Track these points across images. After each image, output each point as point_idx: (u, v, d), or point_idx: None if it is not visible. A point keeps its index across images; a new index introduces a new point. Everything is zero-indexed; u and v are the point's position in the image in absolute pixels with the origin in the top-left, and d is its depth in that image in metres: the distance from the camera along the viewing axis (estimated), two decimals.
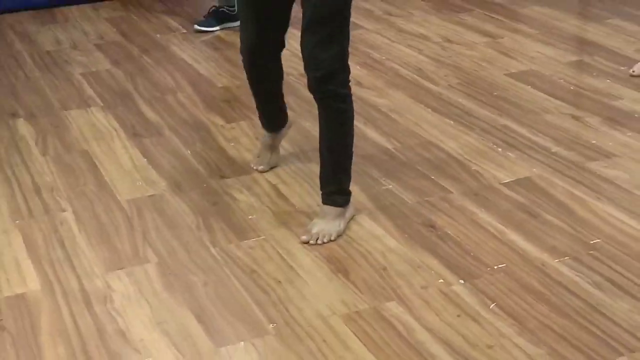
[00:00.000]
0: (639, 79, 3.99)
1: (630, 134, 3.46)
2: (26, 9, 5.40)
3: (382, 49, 4.57)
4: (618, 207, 2.92)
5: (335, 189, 2.85)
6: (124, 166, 3.37)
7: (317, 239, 2.78)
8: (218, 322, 2.43)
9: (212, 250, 2.78)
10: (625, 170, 3.17)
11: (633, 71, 4.03)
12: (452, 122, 3.64)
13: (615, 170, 3.18)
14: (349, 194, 2.88)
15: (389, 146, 3.45)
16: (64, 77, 4.34)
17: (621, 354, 2.22)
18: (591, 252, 2.68)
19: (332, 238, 2.79)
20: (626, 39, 4.55)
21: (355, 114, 2.86)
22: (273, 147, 3.29)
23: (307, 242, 2.78)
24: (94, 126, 3.75)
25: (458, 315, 2.41)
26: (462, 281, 2.56)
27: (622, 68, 4.13)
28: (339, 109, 2.78)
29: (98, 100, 4.02)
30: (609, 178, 3.12)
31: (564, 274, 2.58)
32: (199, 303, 2.52)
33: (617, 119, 3.60)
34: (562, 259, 2.65)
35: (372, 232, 2.85)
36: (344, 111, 2.79)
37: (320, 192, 2.88)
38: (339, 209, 2.84)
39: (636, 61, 4.13)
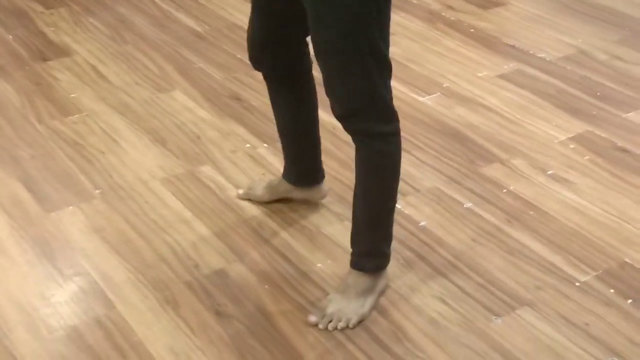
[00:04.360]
0: None
1: (403, 14, 3.53)
2: None
3: None
4: (393, 77, 2.99)
5: (367, 249, 1.92)
6: None
7: (329, 323, 1.86)
8: (46, 191, 2.33)
9: (38, 126, 2.63)
10: (398, 46, 3.24)
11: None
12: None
13: (393, 47, 3.24)
14: (383, 257, 1.94)
15: (199, 29, 3.35)
16: None
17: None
18: None
19: (351, 325, 1.86)
20: None
21: None
22: (278, 193, 2.27)
23: (315, 325, 1.87)
24: None
25: (263, 174, 2.43)
26: (265, 145, 2.58)
27: None
28: (377, 151, 1.82)
29: None
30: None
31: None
32: (28, 174, 2.40)
33: (393, 3, 3.65)
34: None
35: (185, 105, 2.79)
36: (383, 154, 1.83)
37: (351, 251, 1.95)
38: (367, 280, 1.91)
39: None
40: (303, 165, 2.19)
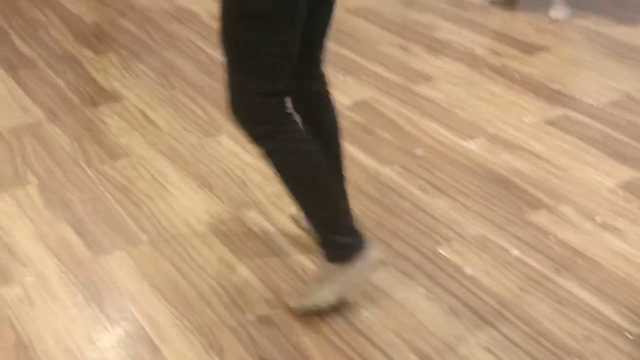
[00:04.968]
0: (454, 13, 4.08)
1: (447, 60, 3.55)
2: None
3: None
4: (437, 122, 3.01)
5: (319, 239, 1.97)
6: (2, 97, 3.18)
7: (299, 305, 2.02)
8: (95, 234, 2.37)
9: (88, 170, 2.69)
10: (443, 91, 3.26)
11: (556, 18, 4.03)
12: None
13: (435, 91, 3.27)
14: (338, 247, 1.95)
15: None
16: None
17: (440, 244, 2.32)
18: (416, 160, 2.76)
19: (299, 306, 2.01)
20: None
21: (213, 45, 2.75)
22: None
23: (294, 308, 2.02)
24: None
25: None
26: None
27: (442, 4, 4.21)
28: (264, 153, 1.87)
29: None
30: (430, 98, 3.21)
31: (394, 180, 2.65)
32: (77, 218, 2.44)
33: (436, 47, 3.69)
34: (392, 167, 2.72)
35: (231, 150, 2.83)
36: (266, 157, 1.87)
37: None
38: (329, 268, 1.98)
39: None
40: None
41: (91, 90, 3.25)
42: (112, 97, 3.19)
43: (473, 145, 2.85)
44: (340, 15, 4.06)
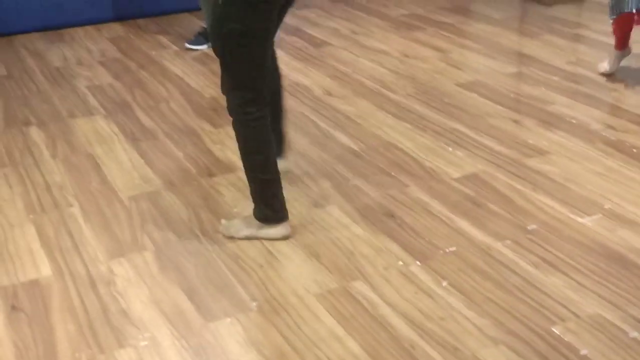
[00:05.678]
0: (568, 86, 4.03)
1: (561, 134, 3.49)
2: (37, 30, 5.35)
3: (349, 63, 4.57)
4: (551, 197, 2.95)
5: (253, 201, 2.71)
6: (124, 166, 3.36)
7: (224, 229, 2.75)
8: (207, 301, 2.42)
9: (202, 238, 2.77)
10: (557, 166, 3.20)
11: (604, 71, 4.08)
12: (409, 126, 3.65)
13: (549, 165, 3.21)
14: (262, 215, 2.69)
15: (355, 147, 3.46)
16: (71, 89, 4.30)
17: (555, 323, 2.25)
18: (528, 236, 2.70)
19: (225, 233, 2.74)
20: (557, 52, 4.59)
21: (325, 119, 2.84)
22: None
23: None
24: (97, 132, 3.72)
25: (415, 292, 2.42)
26: (418, 262, 2.57)
27: (555, 77, 4.17)
28: (233, 129, 2.62)
29: (101, 109, 3.99)
30: (543, 172, 3.15)
31: (505, 255, 2.60)
32: (190, 284, 2.51)
33: (550, 121, 3.63)
34: (503, 242, 2.67)
35: (340, 221, 2.85)
36: (235, 132, 2.61)
37: None
38: (253, 220, 2.72)
39: (566, 71, 4.17)
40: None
41: (208, 161, 3.38)
42: (227, 168, 3.30)
43: (589, 221, 2.77)
44: (450, 89, 4.09)
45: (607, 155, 3.27)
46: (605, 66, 4.13)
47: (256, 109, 2.53)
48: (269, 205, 2.69)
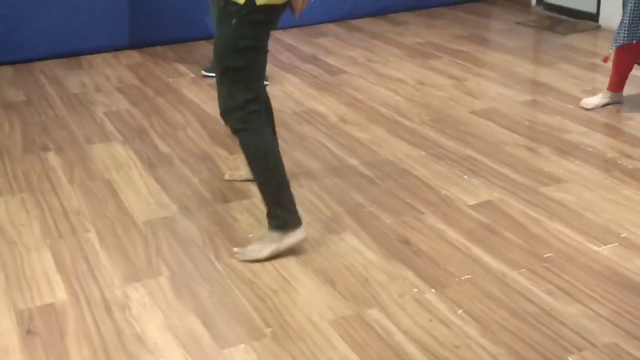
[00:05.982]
0: (584, 115, 4.03)
1: (577, 162, 3.49)
2: (56, 56, 5.42)
3: (365, 90, 4.60)
4: (567, 225, 2.94)
5: (267, 211, 2.78)
6: (141, 192, 3.38)
7: (242, 255, 2.77)
8: (221, 327, 2.42)
9: (217, 264, 2.78)
10: (573, 194, 3.19)
11: (585, 106, 4.08)
12: (424, 153, 3.66)
13: (565, 193, 3.20)
14: (279, 219, 2.74)
15: (370, 174, 3.47)
16: (89, 116, 4.35)
17: (571, 353, 2.23)
18: (544, 264, 2.69)
19: (247, 258, 2.75)
20: (573, 81, 4.59)
21: (340, 145, 2.86)
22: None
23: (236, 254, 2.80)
24: (115, 158, 3.75)
25: (430, 320, 2.41)
26: (433, 290, 2.57)
27: (570, 106, 4.17)
28: (240, 142, 2.75)
29: (118, 136, 4.03)
30: (559, 200, 3.14)
31: (520, 283, 2.58)
32: (205, 310, 2.51)
33: (566, 149, 3.63)
34: (519, 270, 2.66)
35: (355, 247, 2.86)
36: (242, 144, 2.75)
37: None
38: (270, 234, 2.77)
39: (581, 100, 4.17)
40: None
41: (223, 187, 3.39)
42: (243, 194, 3.31)
43: (605, 250, 2.75)
44: (465, 117, 4.10)
45: (623, 183, 3.26)
46: (593, 101, 4.10)
47: (257, 105, 2.73)
48: (286, 208, 2.74)
